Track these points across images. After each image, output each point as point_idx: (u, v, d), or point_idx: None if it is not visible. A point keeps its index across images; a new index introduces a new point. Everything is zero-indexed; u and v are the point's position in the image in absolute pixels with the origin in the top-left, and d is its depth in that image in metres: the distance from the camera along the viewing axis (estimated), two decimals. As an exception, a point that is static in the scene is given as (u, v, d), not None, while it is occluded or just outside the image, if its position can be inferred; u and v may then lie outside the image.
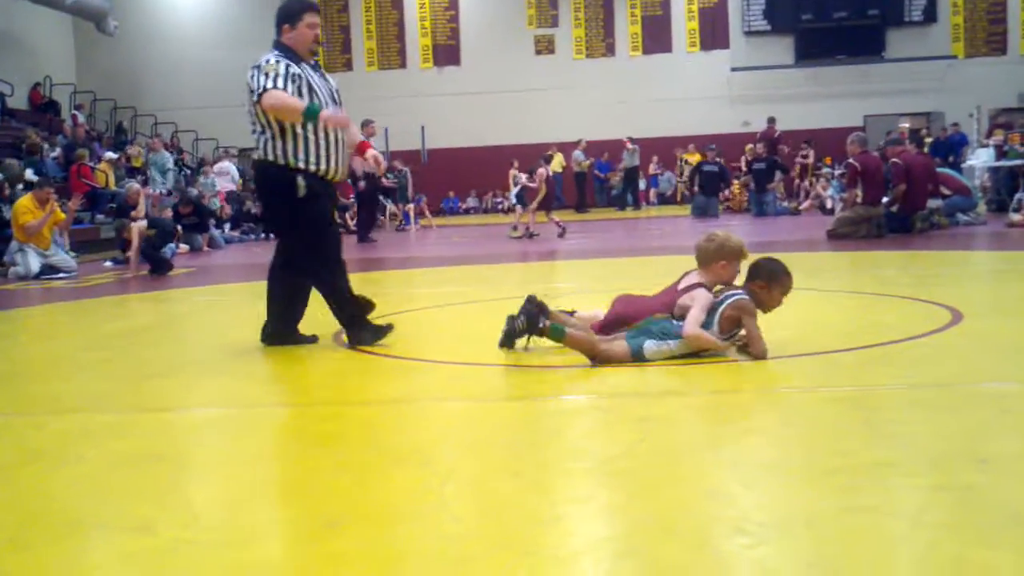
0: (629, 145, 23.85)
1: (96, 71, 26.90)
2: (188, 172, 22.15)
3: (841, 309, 6.10)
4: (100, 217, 16.90)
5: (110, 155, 19.22)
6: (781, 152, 21.20)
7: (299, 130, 4.96)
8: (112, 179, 18.35)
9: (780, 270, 4.47)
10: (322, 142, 5.03)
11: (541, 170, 15.43)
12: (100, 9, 23.80)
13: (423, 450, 3.22)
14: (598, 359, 4.28)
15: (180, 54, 27.98)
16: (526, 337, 4.60)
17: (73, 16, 24.90)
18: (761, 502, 2.52)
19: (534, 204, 15.45)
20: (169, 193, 17.36)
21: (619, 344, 4.33)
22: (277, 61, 4.98)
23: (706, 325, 4.32)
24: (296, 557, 2.30)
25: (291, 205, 5.01)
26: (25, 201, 12.18)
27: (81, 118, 22.02)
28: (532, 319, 4.51)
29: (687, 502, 2.53)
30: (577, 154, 24.39)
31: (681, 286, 4.59)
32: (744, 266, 4.61)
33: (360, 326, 5.13)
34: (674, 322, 4.35)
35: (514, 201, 16.47)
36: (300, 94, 4.94)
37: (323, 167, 5.04)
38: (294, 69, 4.98)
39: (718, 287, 4.51)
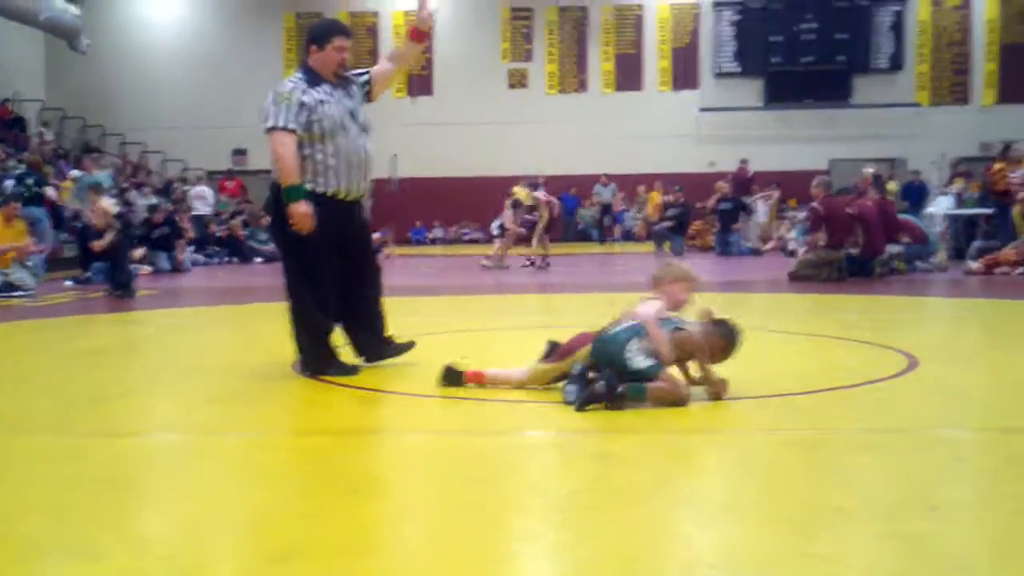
0: (604, 181, 24.02)
1: (66, 88, 26.71)
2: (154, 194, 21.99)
3: (800, 351, 6.16)
4: (63, 236, 16.73)
5: (75, 173, 19.05)
6: (753, 193, 21.39)
7: (307, 151, 4.99)
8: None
9: (735, 339, 4.47)
10: (331, 160, 5.04)
11: (539, 194, 15.35)
12: (73, 27, 23.68)
13: (378, 482, 3.21)
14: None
15: (151, 74, 27.86)
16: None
17: (45, 32, 24.75)
18: (715, 544, 2.53)
19: (540, 228, 15.27)
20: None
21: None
22: (292, 89, 5.02)
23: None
24: (246, 589, 2.28)
25: (287, 225, 4.98)
26: None
27: (48, 135, 21.84)
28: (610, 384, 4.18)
29: (641, 542, 2.53)
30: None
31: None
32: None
33: (321, 357, 5.11)
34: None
35: (495, 232, 16.23)
36: (308, 122, 4.97)
37: (331, 188, 5.05)
38: (306, 97, 4.99)
39: (673, 314, 4.52)
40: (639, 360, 4.23)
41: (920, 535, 2.54)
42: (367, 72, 5.40)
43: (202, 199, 22.12)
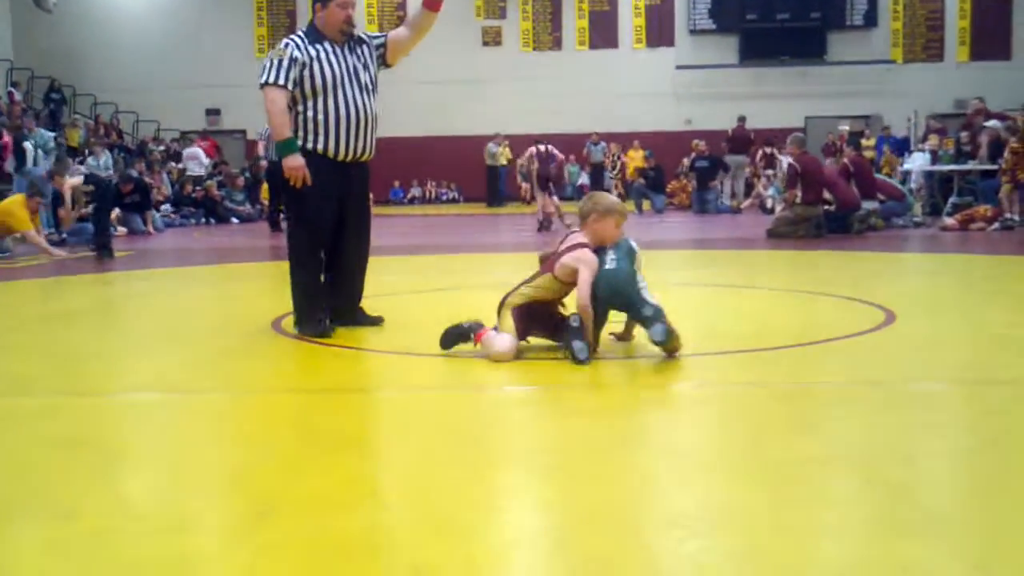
0: (595, 139, 24.01)
1: (34, 48, 26.29)
2: (125, 155, 21.75)
3: (779, 307, 6.18)
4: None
5: (47, 134, 18.78)
6: (753, 153, 21.30)
7: (299, 107, 5.01)
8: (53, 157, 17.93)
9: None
10: (329, 118, 5.01)
11: (533, 148, 14.89)
12: (38, -15, 23.27)
13: (358, 439, 3.21)
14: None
15: (121, 34, 27.48)
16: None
17: (10, -9, 24.32)
18: (695, 496, 2.54)
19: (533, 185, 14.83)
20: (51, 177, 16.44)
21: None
22: (286, 45, 5.02)
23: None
24: (226, 547, 2.27)
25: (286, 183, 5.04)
26: (20, 207, 11.47)
27: (17, 95, 21.51)
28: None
29: (621, 495, 2.54)
30: (490, 146, 24.38)
31: (563, 247, 4.51)
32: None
33: (307, 318, 5.07)
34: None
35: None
36: (301, 78, 4.95)
37: (321, 145, 5.01)
38: (298, 53, 4.96)
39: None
40: (649, 298, 4.21)
41: (896, 483, 2.56)
42: (384, 36, 5.36)
43: (195, 159, 21.97)
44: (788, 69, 27.11)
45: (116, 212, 15.45)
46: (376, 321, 5.32)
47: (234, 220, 19.43)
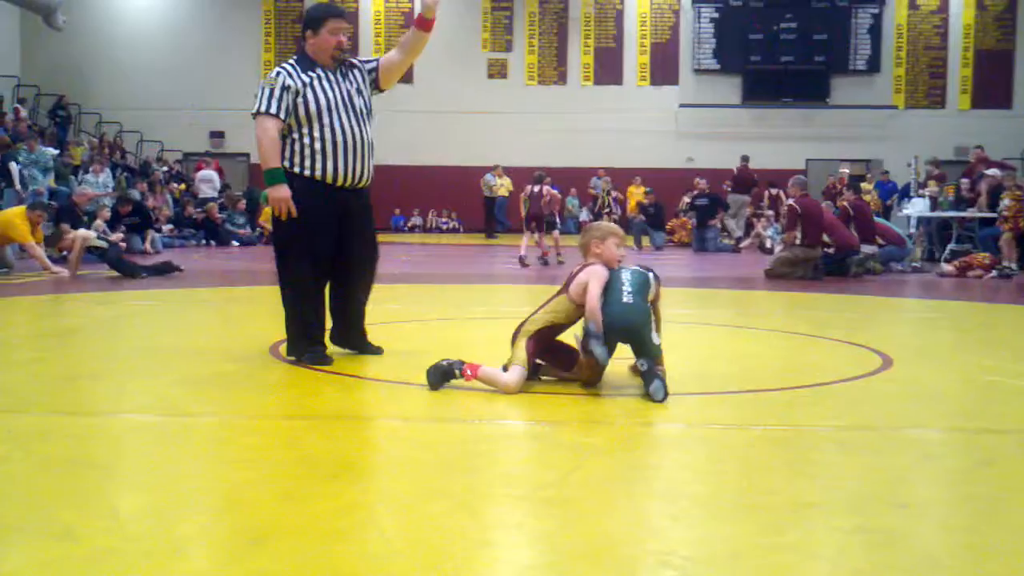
0: (601, 174, 24.14)
1: (41, 65, 26.44)
2: (128, 175, 21.84)
3: (775, 349, 6.21)
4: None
5: (50, 151, 18.86)
6: (755, 194, 21.35)
7: (294, 135, 4.98)
8: (51, 175, 17.98)
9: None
10: (326, 144, 4.98)
11: (535, 188, 14.54)
12: (49, 2, 23.43)
13: (354, 467, 3.22)
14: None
15: (129, 53, 27.63)
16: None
17: (21, 8, 24.47)
18: (688, 536, 2.56)
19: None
20: (52, 195, 16.41)
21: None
22: (278, 73, 5.00)
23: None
24: (221, 572, 2.28)
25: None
26: (20, 218, 11.45)
27: (23, 112, 21.62)
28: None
29: (616, 533, 2.55)
30: (488, 177, 24.48)
31: (576, 270, 4.63)
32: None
33: (303, 345, 5.06)
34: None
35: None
36: (294, 105, 4.94)
37: (321, 172, 4.99)
38: (291, 80, 4.96)
39: None
40: (654, 336, 4.29)
41: (889, 531, 2.57)
42: (376, 60, 5.38)
43: (209, 183, 22.08)
44: (791, 111, 27.28)
45: (120, 232, 15.51)
46: (376, 351, 5.33)
47: (235, 243, 19.47)
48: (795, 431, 3.78)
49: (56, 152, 18.34)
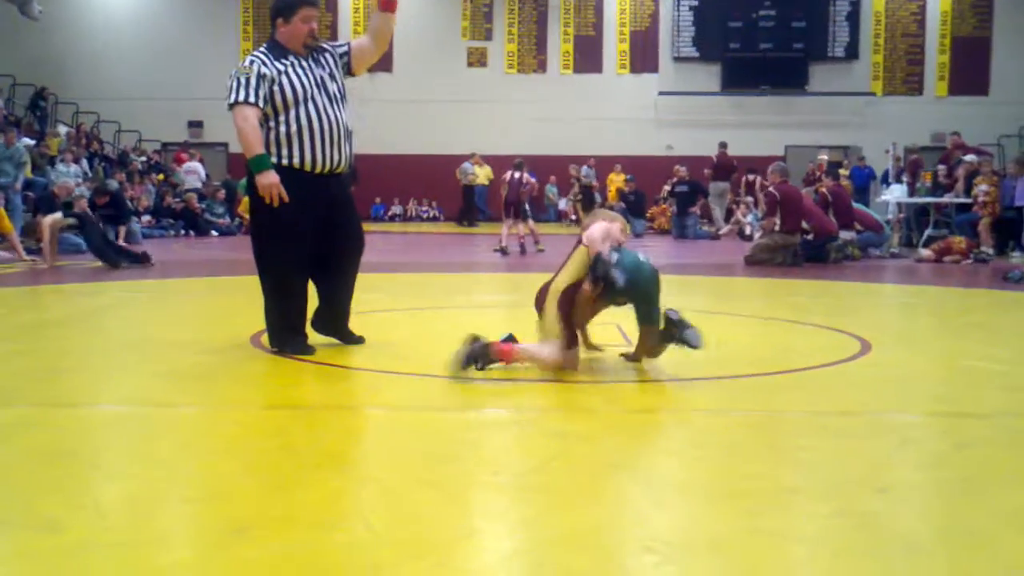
0: (592, 163, 24.16)
1: (17, 55, 26.20)
2: (105, 165, 21.69)
3: (754, 335, 6.24)
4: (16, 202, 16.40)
5: (27, 141, 18.72)
6: (735, 180, 21.40)
7: (271, 123, 4.92)
8: (28, 166, 17.86)
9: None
10: (303, 131, 4.92)
11: (505, 175, 14.61)
12: (25, -9, 23.20)
13: (338, 457, 3.22)
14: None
15: (106, 43, 27.44)
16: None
17: (-5, -2, 24.22)
18: (669, 522, 2.58)
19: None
20: (28, 186, 16.21)
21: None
22: (251, 62, 4.95)
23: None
24: (205, 562, 2.28)
25: (256, 199, 4.94)
26: None
27: (-1, 102, 21.43)
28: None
29: (598, 519, 2.57)
30: (465, 166, 24.46)
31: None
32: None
33: (286, 335, 5.04)
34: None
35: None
36: (270, 93, 4.90)
37: (296, 159, 4.94)
38: (266, 68, 4.92)
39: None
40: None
41: (868, 514, 2.60)
42: (347, 44, 5.33)
43: (195, 174, 21.97)
44: (770, 98, 27.38)
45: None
46: (358, 340, 5.32)
47: (214, 232, 19.40)
48: (775, 416, 3.81)
49: (32, 143, 18.19)
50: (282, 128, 4.94)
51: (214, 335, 5.83)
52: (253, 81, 4.89)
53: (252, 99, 4.88)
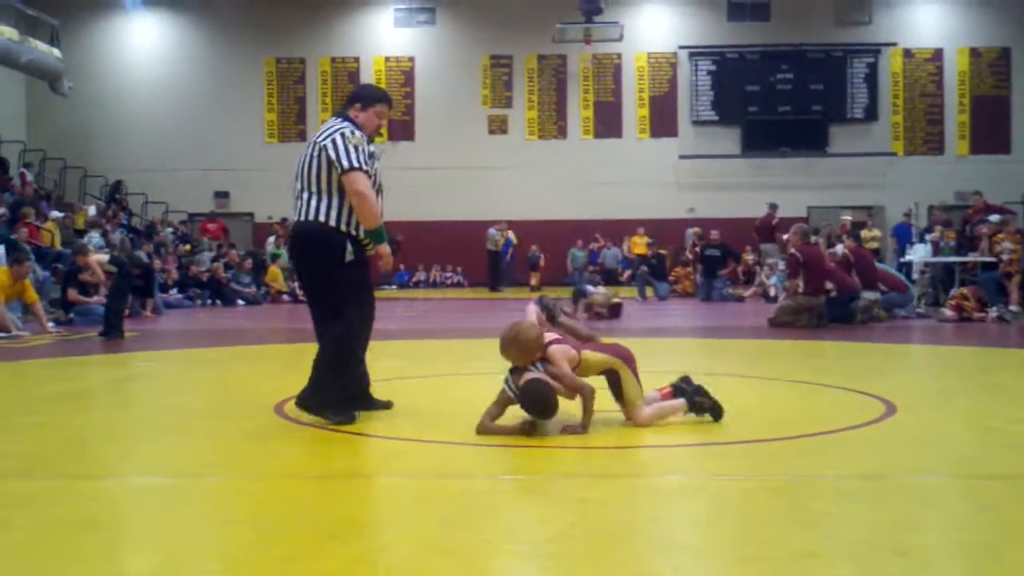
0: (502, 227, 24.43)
1: (47, 130, 26.78)
2: (133, 237, 21.98)
3: (778, 398, 6.21)
4: (45, 275, 16.65)
5: (56, 214, 19.05)
6: (779, 240, 21.35)
7: (347, 199, 5.03)
8: (58, 239, 18.17)
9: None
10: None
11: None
12: (54, 69, 23.75)
13: (357, 525, 3.23)
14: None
15: (132, 117, 27.96)
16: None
17: (27, 75, 24.81)
18: (688, 588, 2.57)
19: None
20: (58, 258, 16.30)
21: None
22: (361, 137, 5.08)
23: None
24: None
25: (336, 268, 5.04)
26: (4, 272, 11.36)
27: (29, 176, 21.85)
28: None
29: (616, 586, 2.57)
30: (491, 232, 24.65)
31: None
32: None
33: (341, 406, 5.07)
34: None
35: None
36: (375, 173, 5.15)
37: (360, 231, 5.12)
38: (372, 147, 5.15)
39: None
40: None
41: (889, 579, 2.58)
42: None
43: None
44: (790, 160, 27.50)
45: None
46: (386, 405, 5.39)
47: (240, 302, 19.55)
48: (795, 481, 3.79)
49: (61, 215, 18.50)
50: (347, 200, 5.04)
51: (238, 404, 5.86)
52: (364, 151, 5.06)
53: (367, 168, 5.04)
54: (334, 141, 5.01)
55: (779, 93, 27.61)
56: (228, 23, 28.18)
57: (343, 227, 5.04)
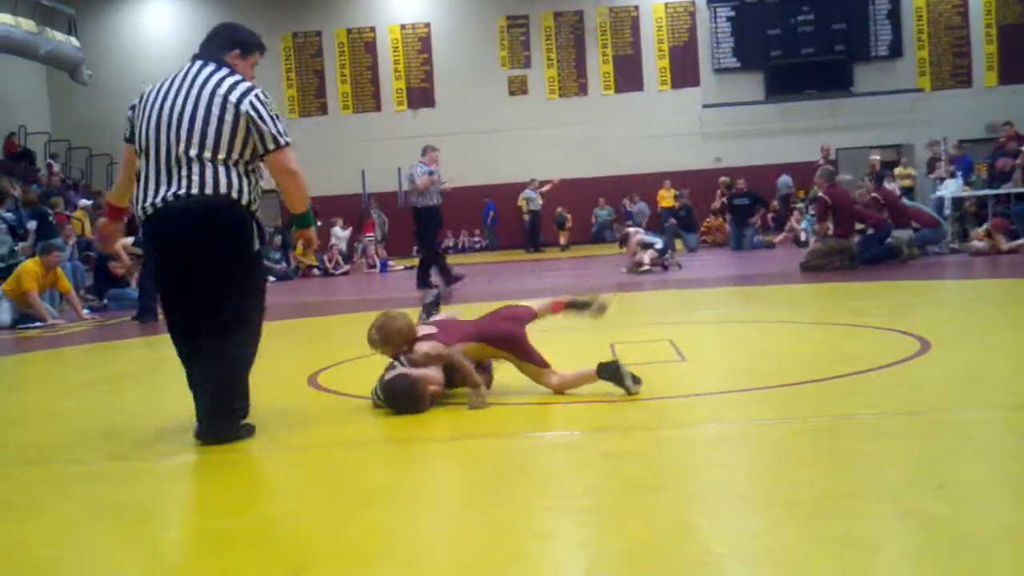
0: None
1: (71, 120, 26.92)
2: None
3: (812, 340, 6.16)
4: (77, 263, 16.79)
5: (84, 203, 19.18)
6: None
7: (255, 175, 4.19)
8: (88, 227, 18.30)
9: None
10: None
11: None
12: (74, 58, 23.87)
13: (389, 491, 3.23)
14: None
15: (155, 101, 28.03)
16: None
17: (47, 66, 24.93)
18: (725, 534, 2.55)
19: None
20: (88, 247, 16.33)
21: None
22: (269, 96, 4.27)
23: None
24: (263, 601, 2.31)
25: (254, 262, 4.18)
26: (32, 266, 11.40)
27: (56, 166, 22.01)
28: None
29: (653, 536, 2.55)
30: (528, 193, 24.52)
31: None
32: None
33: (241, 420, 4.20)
34: None
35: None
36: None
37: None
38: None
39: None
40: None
41: (929, 515, 2.55)
42: None
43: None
44: (815, 103, 27.12)
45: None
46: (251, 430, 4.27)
47: (271, 278, 19.64)
48: (833, 422, 3.75)
49: (90, 203, 18.62)
50: (262, 182, 4.28)
51: (271, 377, 5.88)
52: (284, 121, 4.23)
53: (291, 140, 4.33)
54: (256, 108, 4.07)
55: (801, 35, 27.16)
56: (242, 1, 28.12)
57: (252, 208, 4.10)
